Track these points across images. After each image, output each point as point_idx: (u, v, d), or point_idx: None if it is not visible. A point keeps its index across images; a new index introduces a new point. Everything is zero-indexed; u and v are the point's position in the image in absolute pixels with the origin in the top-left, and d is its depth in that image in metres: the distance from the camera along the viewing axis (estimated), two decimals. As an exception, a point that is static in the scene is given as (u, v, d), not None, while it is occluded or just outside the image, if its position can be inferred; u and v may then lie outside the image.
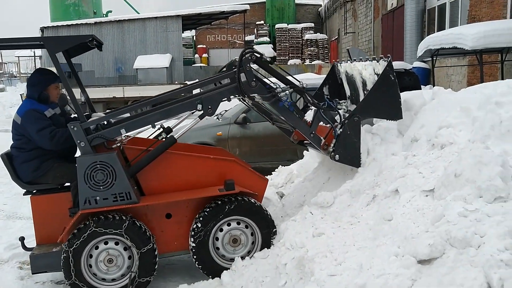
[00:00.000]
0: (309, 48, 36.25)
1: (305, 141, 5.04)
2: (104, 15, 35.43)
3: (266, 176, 5.30)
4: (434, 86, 8.70)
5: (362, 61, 4.96)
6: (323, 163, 5.38)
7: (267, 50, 39.76)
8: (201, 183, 4.55)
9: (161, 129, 4.61)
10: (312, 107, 4.78)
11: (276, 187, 6.31)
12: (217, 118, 8.79)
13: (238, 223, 4.48)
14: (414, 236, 3.12)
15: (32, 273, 4.45)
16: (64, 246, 4.16)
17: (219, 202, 4.38)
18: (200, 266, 4.45)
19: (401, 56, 15.90)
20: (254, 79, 4.38)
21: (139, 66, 25.43)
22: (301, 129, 4.62)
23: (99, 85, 24.00)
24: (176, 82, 25.08)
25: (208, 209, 4.37)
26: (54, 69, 4.53)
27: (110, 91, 21.94)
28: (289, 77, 4.80)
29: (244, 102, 5.03)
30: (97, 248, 4.23)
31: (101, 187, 4.17)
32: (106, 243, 4.24)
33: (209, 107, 4.38)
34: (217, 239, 4.46)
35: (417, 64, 13.94)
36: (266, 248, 4.42)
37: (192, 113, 4.48)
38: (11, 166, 4.51)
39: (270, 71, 4.75)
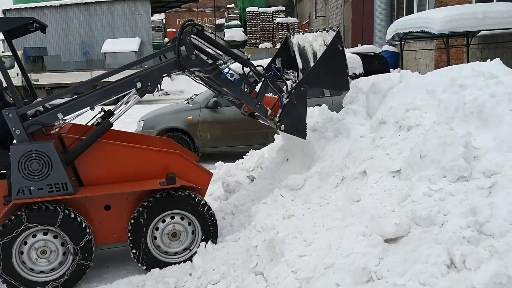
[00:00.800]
0: (280, 32, 36.14)
1: (255, 113, 4.97)
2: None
3: (237, 161, 5.29)
4: (402, 69, 8.84)
5: (313, 32, 4.95)
6: (292, 145, 5.42)
7: (238, 34, 39.52)
8: (142, 175, 4.41)
9: (102, 113, 4.47)
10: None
11: (248, 170, 6.33)
12: (188, 102, 8.73)
13: (181, 218, 4.42)
14: (381, 216, 3.19)
15: None
16: None
17: (159, 196, 4.28)
18: (136, 259, 4.36)
19: (370, 40, 16.07)
20: (194, 52, 4.26)
21: (107, 50, 24.93)
22: (246, 101, 4.58)
23: (66, 69, 23.50)
24: (145, 66, 24.79)
25: (147, 203, 4.27)
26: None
27: (78, 76, 21.48)
28: (235, 50, 4.78)
29: (193, 79, 4.88)
30: (27, 242, 4.13)
31: (36, 177, 4.03)
32: (45, 233, 4.15)
33: (149, 84, 4.24)
34: (156, 231, 4.38)
35: (386, 48, 14.12)
36: (210, 241, 4.43)
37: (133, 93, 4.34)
38: None
39: (213, 44, 4.62)
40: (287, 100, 4.45)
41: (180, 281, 4.13)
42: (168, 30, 41.83)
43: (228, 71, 4.42)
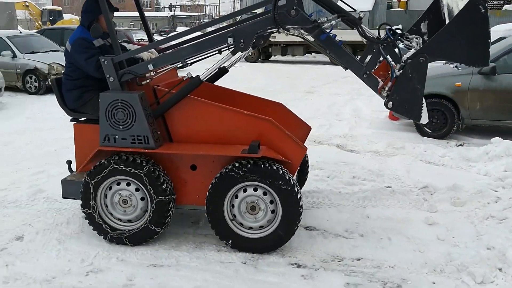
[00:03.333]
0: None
1: None
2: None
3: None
4: None
5: None
6: None
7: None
8: (232, 138, 4.09)
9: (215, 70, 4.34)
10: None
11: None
12: (456, 66, 7.86)
13: (264, 193, 3.97)
14: None
15: (63, 197, 4.49)
16: (86, 177, 4.11)
17: (239, 164, 3.89)
18: (213, 228, 4.08)
19: None
20: (294, 7, 3.68)
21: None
22: (353, 68, 3.88)
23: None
24: (377, 27, 23.95)
25: (228, 169, 3.92)
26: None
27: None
28: (343, 5, 4.06)
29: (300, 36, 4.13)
30: (112, 188, 4.17)
31: (120, 127, 4.02)
32: (128, 184, 4.13)
33: (242, 41, 3.84)
34: (235, 199, 4.03)
35: None
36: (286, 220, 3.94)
37: (228, 48, 3.95)
38: (59, 92, 4.51)
39: None
40: (400, 71, 3.67)
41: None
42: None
43: (331, 30, 3.77)
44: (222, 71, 4.87)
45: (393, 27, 4.11)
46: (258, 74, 17.91)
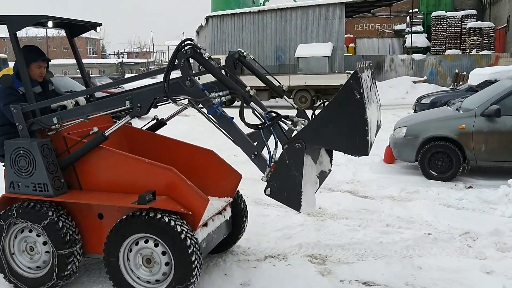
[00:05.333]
0: (471, 38, 33.50)
1: None
2: (262, 4, 36.00)
3: None
4: None
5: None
6: None
7: (420, 40, 37.62)
8: (135, 187, 3.96)
9: (154, 120, 4.56)
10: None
11: None
12: (456, 109, 7.99)
13: (156, 244, 3.81)
14: None
15: None
16: None
17: (132, 215, 3.80)
18: (111, 279, 3.95)
19: None
20: (188, 78, 3.59)
21: (301, 54, 25.31)
22: (242, 146, 3.58)
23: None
24: (336, 72, 24.57)
25: (121, 220, 3.82)
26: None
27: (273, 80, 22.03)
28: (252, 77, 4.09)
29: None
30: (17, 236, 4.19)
31: (23, 174, 4.06)
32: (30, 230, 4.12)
33: (139, 105, 3.79)
34: (130, 253, 3.91)
35: None
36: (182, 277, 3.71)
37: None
38: None
39: (209, 70, 3.70)
40: (279, 156, 3.36)
41: None
42: (345, 36, 41.59)
43: (218, 105, 3.55)
44: (160, 123, 4.88)
45: (351, 72, 3.78)
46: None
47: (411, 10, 37.43)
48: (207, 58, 3.62)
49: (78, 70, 5.02)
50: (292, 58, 26.54)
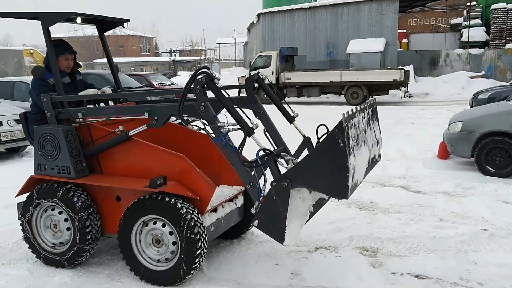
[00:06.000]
0: (534, 31, 31.93)
1: None
2: (313, 0, 35.80)
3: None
4: None
5: None
6: None
7: (478, 34, 36.22)
8: (149, 172, 4.22)
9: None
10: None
11: None
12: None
13: (163, 225, 4.09)
14: None
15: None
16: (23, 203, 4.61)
17: (143, 198, 4.09)
18: (124, 259, 4.24)
19: None
20: (203, 104, 3.82)
21: (352, 50, 25.02)
22: (240, 175, 3.79)
23: (316, 69, 24.21)
24: (389, 68, 24.12)
25: (134, 203, 4.12)
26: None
27: (328, 76, 21.96)
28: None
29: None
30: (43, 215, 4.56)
31: (49, 157, 4.41)
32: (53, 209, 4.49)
33: (155, 118, 4.11)
34: (140, 235, 4.19)
35: None
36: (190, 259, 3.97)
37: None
38: (26, 125, 4.94)
39: (221, 100, 3.92)
40: (267, 192, 3.58)
41: None
42: (398, 31, 40.67)
43: (224, 135, 3.77)
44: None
45: (404, 68, 3.92)
46: (277, 116, 17.79)
47: (468, 4, 36.08)
48: (219, 87, 3.89)
49: (133, 68, 5.32)
50: (344, 54, 26.29)
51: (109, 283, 4.25)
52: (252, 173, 3.82)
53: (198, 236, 3.95)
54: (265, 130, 4.37)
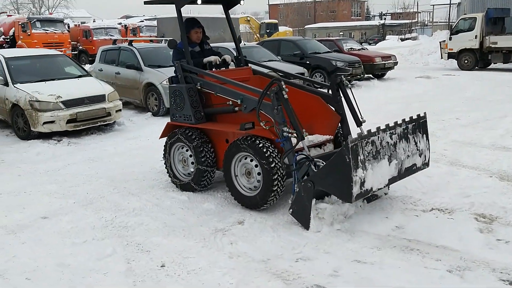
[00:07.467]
0: None
1: None
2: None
3: None
4: None
5: None
6: None
7: None
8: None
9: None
10: None
11: None
12: None
13: (251, 160, 5.16)
14: None
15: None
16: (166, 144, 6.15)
17: (240, 138, 5.15)
18: (227, 186, 5.45)
19: None
20: (276, 108, 4.78)
21: None
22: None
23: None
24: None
25: (232, 142, 5.25)
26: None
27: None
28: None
29: None
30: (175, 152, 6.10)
31: (178, 108, 5.79)
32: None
33: (245, 106, 5.17)
34: (236, 168, 5.33)
35: None
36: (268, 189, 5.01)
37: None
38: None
39: (286, 108, 4.81)
40: (298, 188, 4.69)
41: None
42: None
43: (284, 139, 4.79)
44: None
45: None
46: (474, 82, 16.75)
47: None
48: (285, 98, 4.78)
49: (341, 33, 6.40)
50: None
51: (239, 208, 5.28)
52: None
53: (275, 170, 4.92)
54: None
